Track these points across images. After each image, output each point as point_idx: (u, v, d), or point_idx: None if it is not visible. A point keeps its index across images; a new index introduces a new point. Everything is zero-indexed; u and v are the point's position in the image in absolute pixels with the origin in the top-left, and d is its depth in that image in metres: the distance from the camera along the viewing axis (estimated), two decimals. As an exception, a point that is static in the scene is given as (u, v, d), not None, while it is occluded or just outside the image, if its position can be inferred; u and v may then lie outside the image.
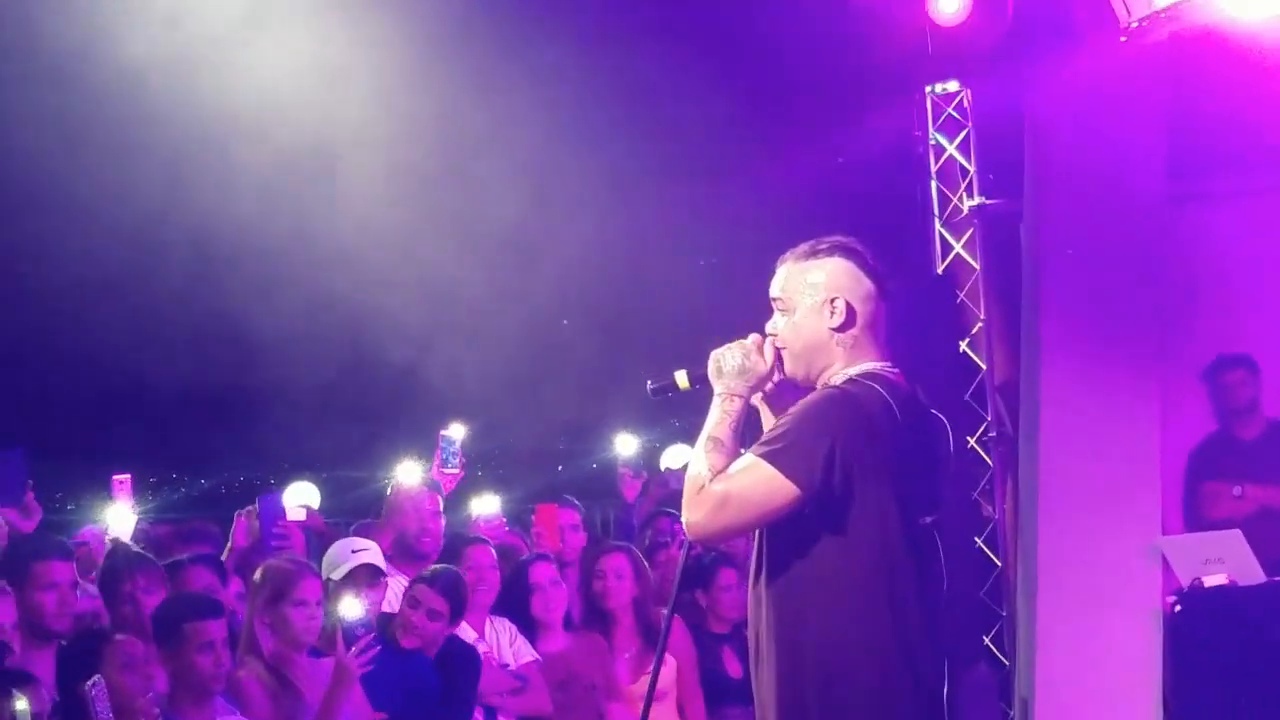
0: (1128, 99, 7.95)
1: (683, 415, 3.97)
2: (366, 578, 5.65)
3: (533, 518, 7.17)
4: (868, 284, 3.95)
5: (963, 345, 8.74)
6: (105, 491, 6.62)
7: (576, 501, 7.37)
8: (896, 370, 3.93)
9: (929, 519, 3.89)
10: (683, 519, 3.85)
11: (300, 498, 6.71)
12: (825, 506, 3.72)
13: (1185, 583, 7.62)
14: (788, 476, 3.70)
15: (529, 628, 6.34)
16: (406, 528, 6.38)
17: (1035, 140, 8.41)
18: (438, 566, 5.92)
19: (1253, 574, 7.40)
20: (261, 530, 6.21)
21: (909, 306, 8.12)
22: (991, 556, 8.62)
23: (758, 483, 3.72)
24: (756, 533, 3.92)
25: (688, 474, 3.85)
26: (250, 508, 6.30)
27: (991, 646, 8.46)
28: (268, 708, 4.99)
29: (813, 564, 3.76)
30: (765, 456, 3.73)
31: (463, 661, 5.80)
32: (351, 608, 5.18)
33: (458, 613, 5.81)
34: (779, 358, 3.95)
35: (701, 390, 3.98)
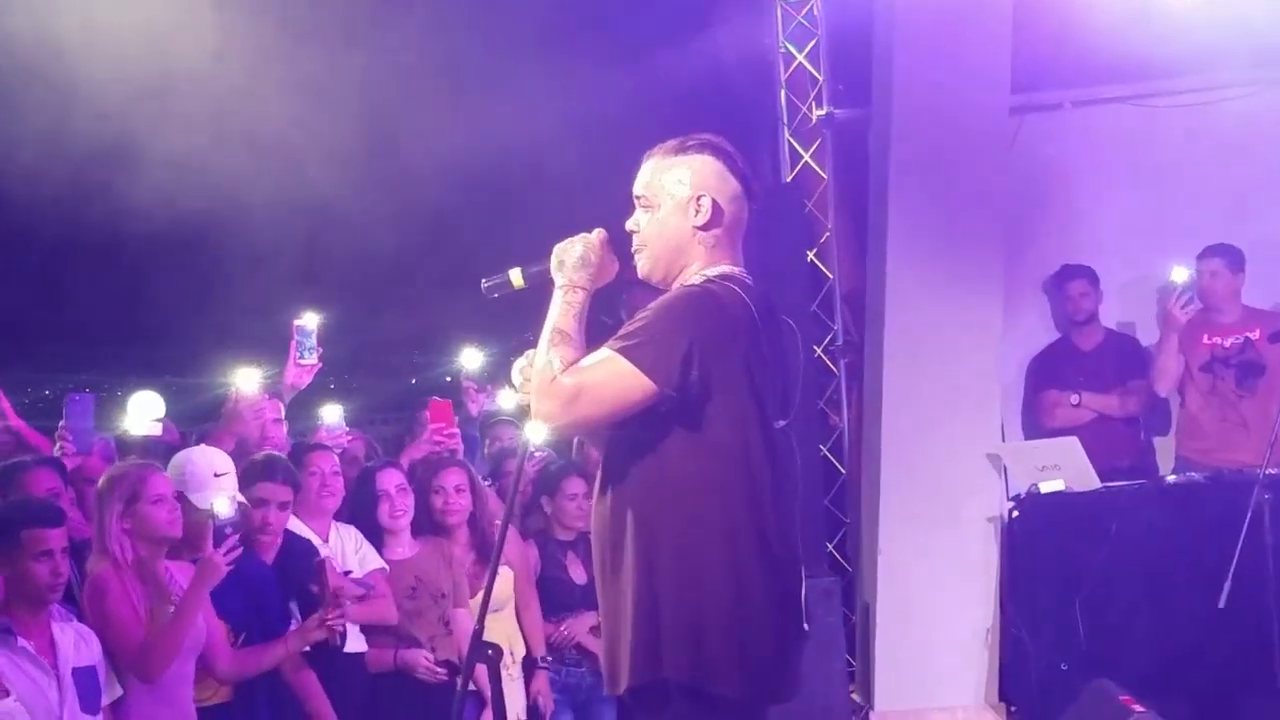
0: (973, 9, 7.98)
1: (535, 328, 3.91)
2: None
3: (425, 413, 7.09)
4: (734, 184, 3.90)
5: (811, 255, 8.78)
6: None
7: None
8: (750, 276, 3.89)
9: (783, 422, 3.87)
10: (532, 410, 3.75)
11: (148, 410, 6.52)
12: (681, 406, 3.67)
13: (1023, 489, 7.78)
14: (644, 372, 3.64)
15: (375, 535, 6.26)
16: (248, 435, 6.24)
17: (882, 50, 8.43)
18: (261, 456, 5.80)
19: (1088, 480, 7.57)
20: (67, 431, 6.01)
21: (758, 215, 8.11)
22: (836, 464, 8.72)
23: (613, 377, 3.66)
24: (603, 443, 3.88)
25: (535, 366, 3.76)
26: (62, 423, 6.09)
27: (835, 553, 8.58)
28: (123, 604, 4.87)
29: (669, 467, 3.71)
30: (622, 351, 3.66)
31: (301, 558, 5.74)
32: (223, 505, 5.08)
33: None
34: (633, 255, 3.90)
35: (539, 290, 3.91)
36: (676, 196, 3.87)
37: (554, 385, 3.68)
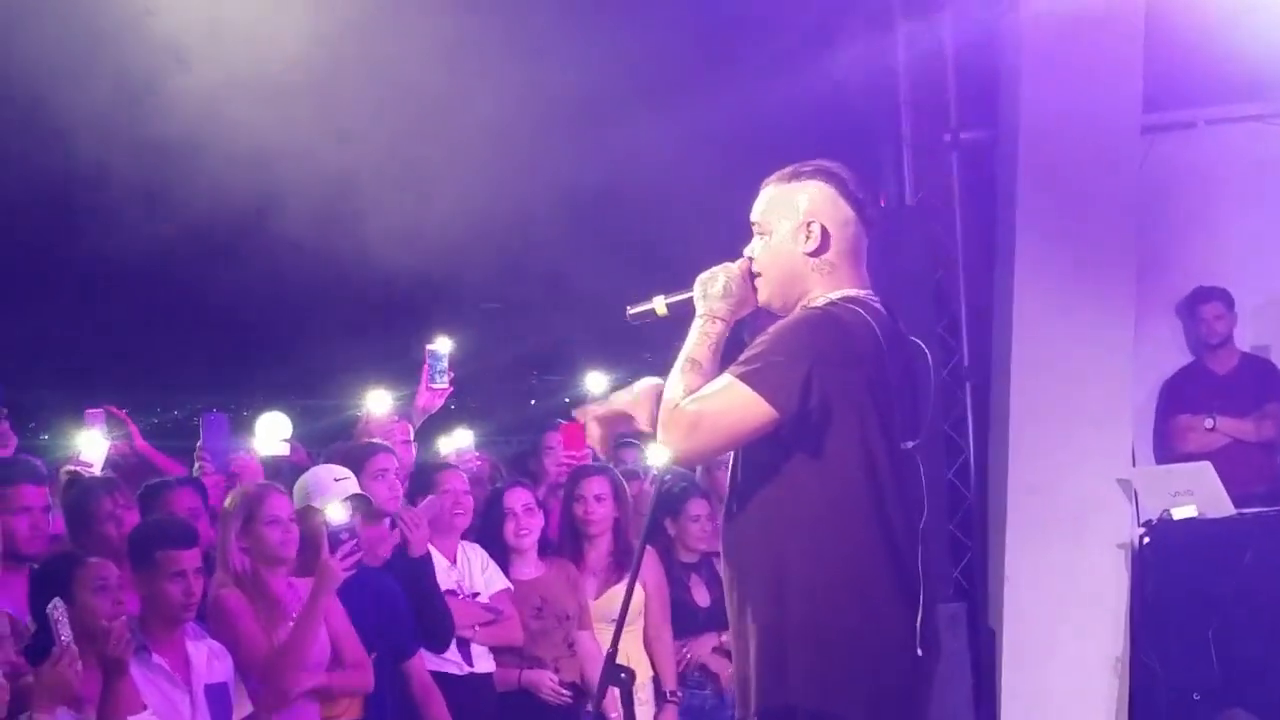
0: (1104, 28, 7.91)
1: (655, 349, 3.92)
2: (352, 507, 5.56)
3: (555, 435, 7.14)
4: (846, 209, 3.86)
5: (936, 277, 8.70)
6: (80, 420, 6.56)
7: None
8: (877, 298, 3.86)
9: (910, 444, 3.84)
10: (658, 439, 3.77)
11: (274, 430, 6.62)
12: (803, 430, 3.65)
13: (1154, 515, 7.67)
14: (764, 397, 3.62)
15: (503, 555, 6.31)
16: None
17: (1010, 69, 8.37)
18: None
19: (1222, 506, 7.45)
20: (205, 452, 6.11)
21: (884, 237, 8.08)
22: (961, 489, 8.64)
23: (732, 403, 3.65)
24: (730, 462, 3.88)
25: (664, 395, 3.77)
26: (199, 443, 6.19)
27: (960, 579, 8.49)
28: (249, 620, 4.97)
29: (792, 491, 3.69)
30: (741, 377, 3.66)
31: (419, 572, 5.79)
32: (337, 512, 5.13)
33: None
34: (754, 282, 3.90)
35: (680, 319, 3.93)
36: (788, 224, 3.86)
37: (676, 413, 3.69)
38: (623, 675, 4.06)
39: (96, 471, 6.00)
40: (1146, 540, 7.70)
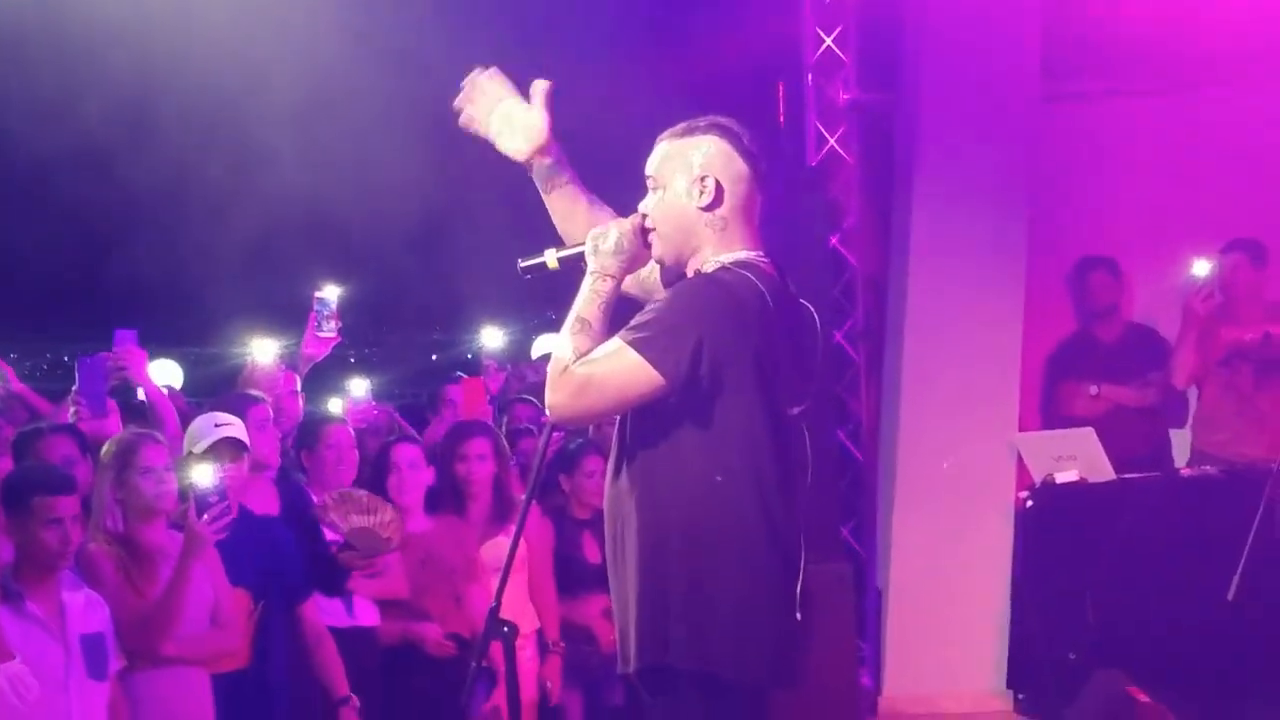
0: (1005, -3, 7.99)
1: (559, 308, 3.89)
2: (230, 452, 5.46)
3: (452, 388, 7.10)
4: (741, 165, 3.84)
5: (833, 240, 8.76)
6: None
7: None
8: (768, 260, 3.85)
9: (796, 410, 3.86)
10: (545, 400, 3.77)
11: (163, 377, 6.51)
12: (691, 396, 3.67)
13: (1038, 478, 7.78)
14: (652, 365, 3.63)
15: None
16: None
17: (912, 35, 8.42)
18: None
19: (1103, 471, 7.56)
20: (82, 398, 5.92)
21: (781, 199, 8.12)
22: (853, 450, 8.73)
23: (621, 369, 3.65)
24: (617, 425, 3.90)
25: (553, 354, 3.76)
26: (74, 387, 5.99)
27: (849, 539, 8.58)
28: (116, 580, 4.89)
29: (677, 454, 3.70)
30: (631, 343, 3.65)
31: (308, 521, 5.77)
32: (203, 474, 4.99)
33: None
34: (647, 238, 3.89)
35: (571, 272, 3.92)
36: (681, 178, 3.84)
37: (565, 375, 3.68)
38: (505, 629, 4.08)
39: None
40: (1030, 503, 7.81)
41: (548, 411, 3.79)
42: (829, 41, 8.83)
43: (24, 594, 4.55)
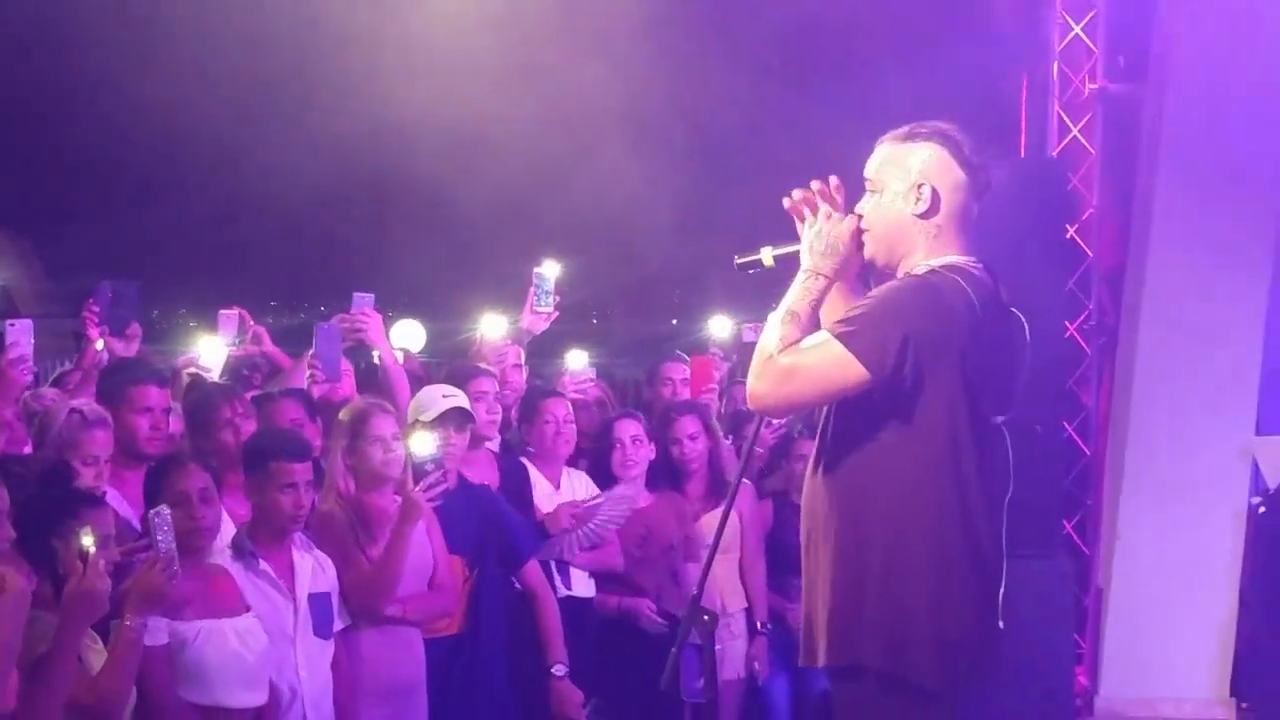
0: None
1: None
2: (455, 422, 5.62)
3: (677, 367, 7.23)
4: (959, 174, 3.86)
5: (1071, 230, 8.63)
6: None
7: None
8: (980, 265, 3.85)
9: (1000, 418, 3.85)
10: (747, 387, 3.83)
11: (403, 339, 6.67)
12: (894, 394, 3.69)
13: (1273, 484, 7.60)
14: (857, 357, 3.66)
15: (612, 485, 6.34)
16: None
17: (1163, 25, 8.24)
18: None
19: (1340, 481, 7.36)
20: (319, 361, 6.13)
21: (1019, 186, 8.04)
22: (1081, 445, 8.60)
23: (826, 360, 3.70)
24: (821, 420, 3.94)
25: (758, 343, 3.82)
26: (309, 351, 6.21)
27: (1073, 534, 8.47)
28: (345, 543, 5.10)
29: (880, 455, 3.74)
30: (839, 336, 3.69)
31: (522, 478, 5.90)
32: (421, 444, 5.14)
33: None
34: (860, 239, 3.92)
35: (789, 269, 3.94)
36: (899, 183, 3.86)
37: (770, 363, 3.74)
38: (705, 617, 4.16)
39: (215, 376, 6.18)
40: (1263, 510, 7.64)
41: (749, 400, 3.85)
42: (1078, 29, 8.68)
43: (258, 553, 4.79)
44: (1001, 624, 3.82)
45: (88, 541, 3.78)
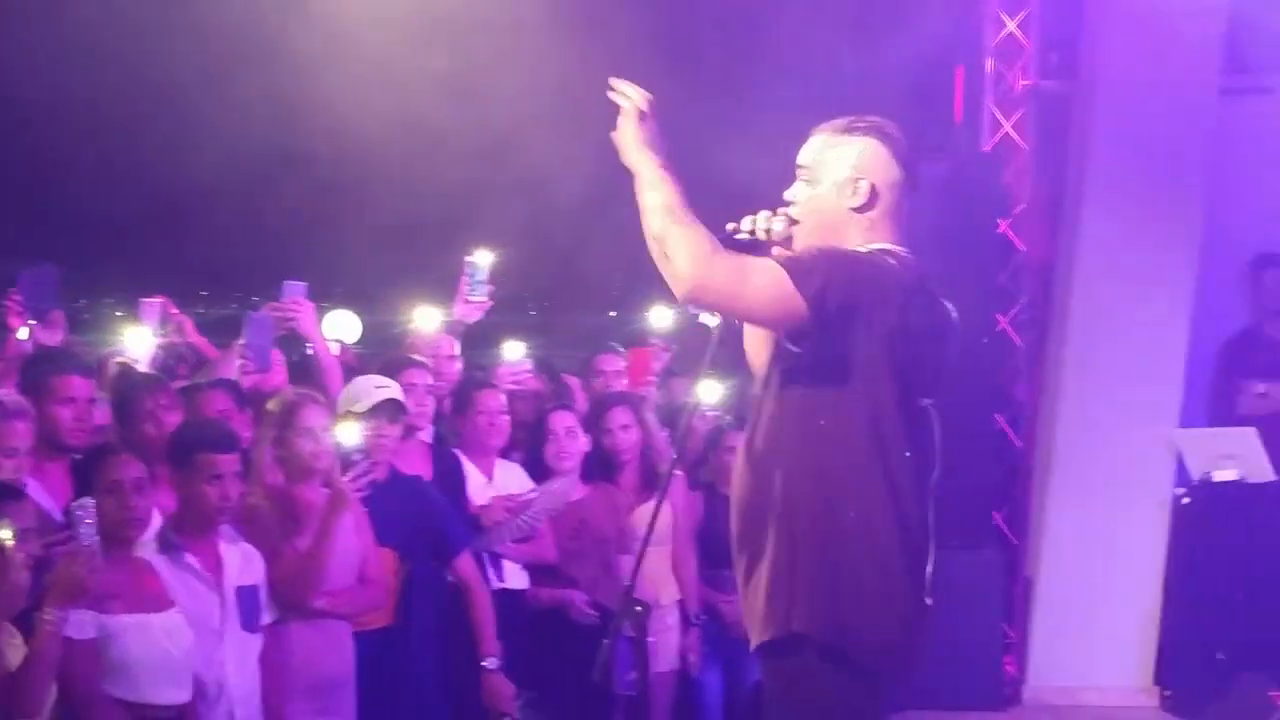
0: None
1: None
2: (388, 413, 5.59)
3: (602, 358, 7.20)
4: (896, 170, 3.87)
5: (1003, 224, 8.71)
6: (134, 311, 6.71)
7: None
8: (912, 256, 3.84)
9: (927, 401, 3.87)
10: (677, 271, 3.67)
11: (338, 330, 6.62)
12: (821, 350, 3.69)
13: (1196, 476, 7.71)
14: (790, 275, 3.63)
15: (545, 477, 6.34)
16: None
17: (1094, 23, 8.33)
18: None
19: (1263, 472, 7.48)
20: (249, 351, 6.06)
21: (953, 181, 8.12)
22: (1011, 437, 8.68)
23: (769, 270, 3.66)
24: (752, 402, 3.95)
25: (678, 237, 3.66)
26: (240, 340, 6.15)
27: (1002, 525, 8.55)
28: (272, 535, 5.07)
29: (809, 436, 3.74)
30: (782, 264, 3.68)
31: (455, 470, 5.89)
32: (349, 434, 5.12)
33: None
34: (790, 230, 3.86)
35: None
36: (837, 176, 3.86)
37: (714, 256, 3.65)
38: (638, 609, 4.16)
39: (141, 367, 6.13)
40: (1187, 500, 7.75)
41: (674, 282, 3.70)
42: (1012, 26, 8.76)
43: (184, 546, 4.74)
44: (929, 600, 3.84)
45: (6, 534, 3.76)
